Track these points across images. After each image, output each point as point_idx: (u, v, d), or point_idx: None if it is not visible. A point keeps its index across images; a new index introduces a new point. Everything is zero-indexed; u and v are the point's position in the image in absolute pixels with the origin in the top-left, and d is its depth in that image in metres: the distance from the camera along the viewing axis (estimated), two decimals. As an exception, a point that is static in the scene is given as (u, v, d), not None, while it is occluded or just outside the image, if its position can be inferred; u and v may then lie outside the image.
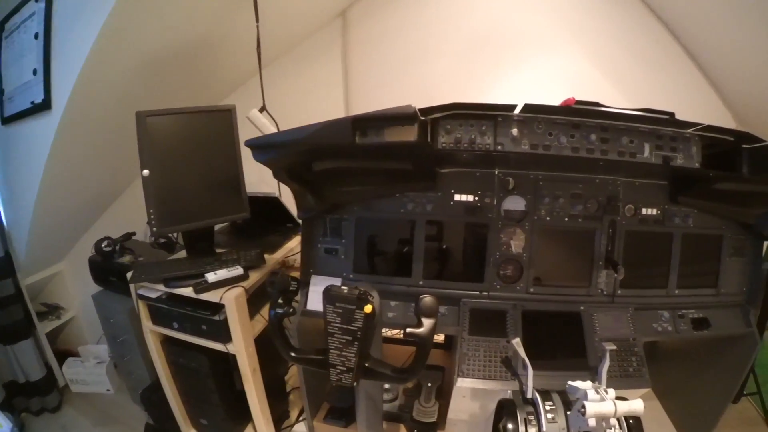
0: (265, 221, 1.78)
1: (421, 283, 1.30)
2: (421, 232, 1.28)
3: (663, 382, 1.60)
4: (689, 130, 1.18)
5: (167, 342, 1.54)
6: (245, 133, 1.44)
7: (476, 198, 1.26)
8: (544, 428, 1.01)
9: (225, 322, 1.36)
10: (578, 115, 1.17)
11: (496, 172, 1.26)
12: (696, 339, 1.33)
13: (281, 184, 1.71)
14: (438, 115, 1.17)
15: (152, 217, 1.38)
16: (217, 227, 1.65)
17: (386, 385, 1.66)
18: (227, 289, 1.35)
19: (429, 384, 1.59)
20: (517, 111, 1.16)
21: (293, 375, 1.94)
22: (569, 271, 1.32)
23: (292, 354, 1.11)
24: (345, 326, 1.00)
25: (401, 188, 1.27)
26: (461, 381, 1.19)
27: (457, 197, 1.26)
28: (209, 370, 1.49)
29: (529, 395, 1.10)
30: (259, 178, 1.46)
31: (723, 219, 1.32)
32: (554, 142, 1.16)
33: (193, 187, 1.45)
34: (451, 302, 1.30)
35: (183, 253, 1.60)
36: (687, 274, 1.31)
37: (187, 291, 1.36)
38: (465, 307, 1.28)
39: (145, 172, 1.35)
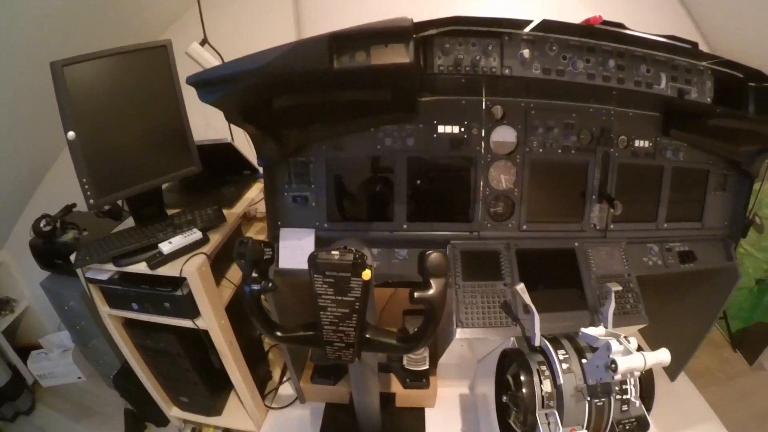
0: (218, 172, 1.48)
1: (405, 227, 1.09)
2: (402, 170, 1.06)
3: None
4: (704, 63, 1.04)
5: (130, 325, 1.27)
6: (186, 73, 1.16)
7: (462, 129, 1.05)
8: (560, 380, 0.85)
9: (189, 296, 1.11)
10: (597, 37, 0.98)
11: (484, 100, 1.06)
12: (682, 272, 1.25)
13: (234, 127, 1.44)
14: (433, 31, 0.93)
15: (86, 187, 1.07)
16: (165, 186, 1.35)
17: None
18: (187, 258, 1.09)
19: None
20: (529, 28, 0.95)
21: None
22: (561, 207, 1.16)
23: (278, 334, 0.88)
24: (340, 298, 0.78)
25: (376, 121, 1.03)
26: (461, 332, 1.01)
27: (440, 129, 1.04)
28: (180, 349, 1.24)
29: (537, 343, 0.94)
30: (206, 123, 1.20)
31: (710, 154, 1.23)
32: (568, 67, 0.97)
33: (130, 145, 1.14)
34: (438, 246, 1.10)
35: (131, 221, 1.30)
36: (674, 208, 1.23)
37: (141, 267, 1.09)
38: (455, 251, 1.08)
39: (71, 134, 1.03)
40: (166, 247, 1.09)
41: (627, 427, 0.87)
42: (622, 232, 1.20)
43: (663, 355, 0.76)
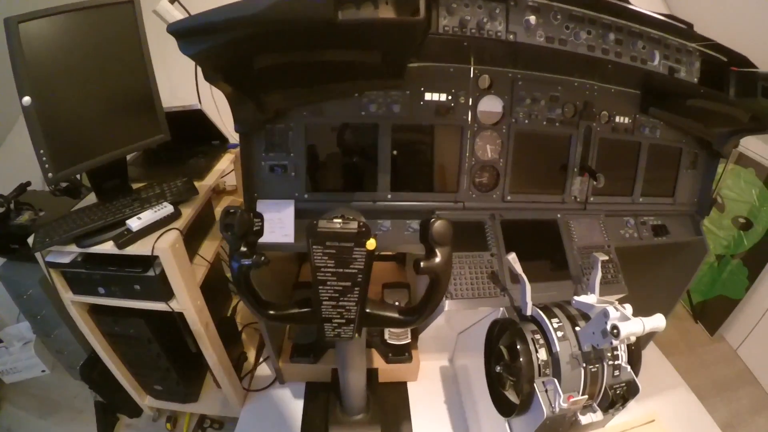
0: (185, 142, 1.34)
1: (389, 196, 1.04)
2: (387, 138, 1.00)
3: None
4: (693, 45, 1.04)
5: (96, 311, 1.15)
6: (154, 35, 1.05)
7: (450, 97, 1.00)
8: (557, 348, 0.84)
9: (162, 276, 1.01)
10: (598, 9, 0.96)
11: (472, 69, 1.02)
12: (654, 245, 1.28)
13: (201, 94, 1.32)
14: None
15: (44, 159, 0.93)
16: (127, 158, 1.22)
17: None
18: (158, 235, 0.99)
19: (397, 303, 1.39)
20: None
21: (241, 310, 1.66)
22: (544, 179, 1.15)
23: (271, 312, 0.81)
24: (341, 270, 0.71)
25: (361, 87, 0.96)
26: (450, 303, 0.97)
27: (427, 96, 0.99)
28: (151, 334, 1.15)
29: (528, 312, 0.92)
30: (170, 90, 1.10)
31: (683, 133, 1.26)
32: (571, 37, 0.94)
33: (93, 111, 1.02)
34: (421, 216, 1.06)
35: (93, 198, 1.16)
36: (649, 184, 1.25)
37: (108, 247, 0.98)
38: None
39: (26, 99, 0.90)
40: (134, 224, 0.98)
41: (618, 392, 0.88)
42: (601, 205, 1.21)
43: (659, 321, 0.76)
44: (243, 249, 0.72)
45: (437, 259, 0.71)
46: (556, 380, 0.82)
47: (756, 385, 1.63)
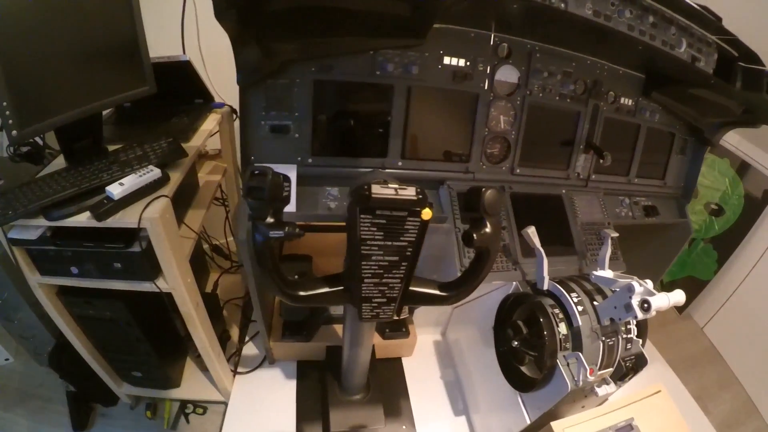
0: (165, 99, 1.12)
1: (400, 163, 0.97)
2: (402, 100, 0.93)
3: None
4: (712, 37, 1.04)
5: (65, 292, 0.98)
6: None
7: (468, 63, 0.94)
8: (578, 321, 0.82)
9: (148, 252, 0.86)
10: None
11: (493, 36, 0.95)
12: (642, 224, 1.31)
13: (186, 45, 1.19)
14: None
15: (7, 113, 0.74)
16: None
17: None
18: (146, 204, 0.83)
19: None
20: None
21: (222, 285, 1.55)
22: (551, 154, 1.13)
23: (300, 293, 0.69)
24: (389, 242, 0.61)
25: (379, 43, 0.88)
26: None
27: (446, 60, 0.92)
28: (131, 317, 1.00)
29: (545, 286, 0.90)
30: (156, 37, 0.96)
31: (678, 119, 1.29)
32: (615, 14, 0.90)
33: (65, 56, 0.84)
34: (429, 185, 1.01)
35: (61, 162, 0.98)
36: (643, 165, 1.28)
37: (84, 219, 0.81)
38: (451, 192, 0.99)
39: None
40: (116, 190, 0.82)
41: (628, 364, 0.89)
42: (601, 183, 1.22)
43: (679, 296, 0.76)
44: (270, 219, 0.61)
45: (487, 230, 0.65)
46: (580, 354, 0.81)
47: (721, 361, 1.73)
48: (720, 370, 1.70)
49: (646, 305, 0.73)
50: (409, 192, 0.58)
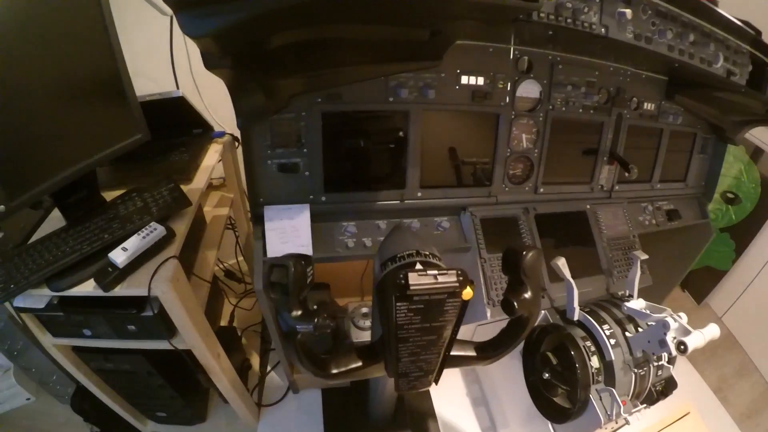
0: (162, 133, 1.02)
1: (419, 194, 0.90)
2: (418, 127, 0.85)
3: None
4: (747, 47, 0.97)
5: (81, 350, 0.94)
6: (119, 8, 0.82)
7: (488, 81, 0.86)
8: (611, 355, 0.78)
9: (161, 315, 0.81)
10: (679, 5, 0.86)
11: (512, 49, 0.88)
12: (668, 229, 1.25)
13: (177, 77, 1.12)
14: None
15: None
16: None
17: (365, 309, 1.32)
18: (153, 270, 0.77)
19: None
20: None
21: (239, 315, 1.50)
22: (573, 168, 1.06)
23: (334, 371, 0.62)
24: (427, 325, 0.55)
25: (392, 68, 0.79)
26: (494, 312, 0.87)
27: (464, 80, 0.85)
28: (151, 367, 0.97)
29: (575, 317, 0.85)
30: (145, 63, 0.87)
31: (699, 119, 1.22)
32: (655, 35, 0.84)
33: (49, 111, 0.75)
34: (450, 212, 0.95)
35: (58, 216, 0.89)
36: (664, 169, 1.21)
37: (89, 288, 0.75)
38: (474, 219, 0.93)
39: None
40: (120, 258, 0.75)
41: (658, 388, 0.85)
42: (624, 192, 1.15)
43: (714, 331, 0.71)
44: (297, 312, 0.53)
45: (528, 295, 0.59)
46: (613, 390, 0.77)
47: (740, 350, 1.71)
48: (739, 358, 1.68)
49: (683, 347, 0.69)
50: (450, 278, 0.51)
